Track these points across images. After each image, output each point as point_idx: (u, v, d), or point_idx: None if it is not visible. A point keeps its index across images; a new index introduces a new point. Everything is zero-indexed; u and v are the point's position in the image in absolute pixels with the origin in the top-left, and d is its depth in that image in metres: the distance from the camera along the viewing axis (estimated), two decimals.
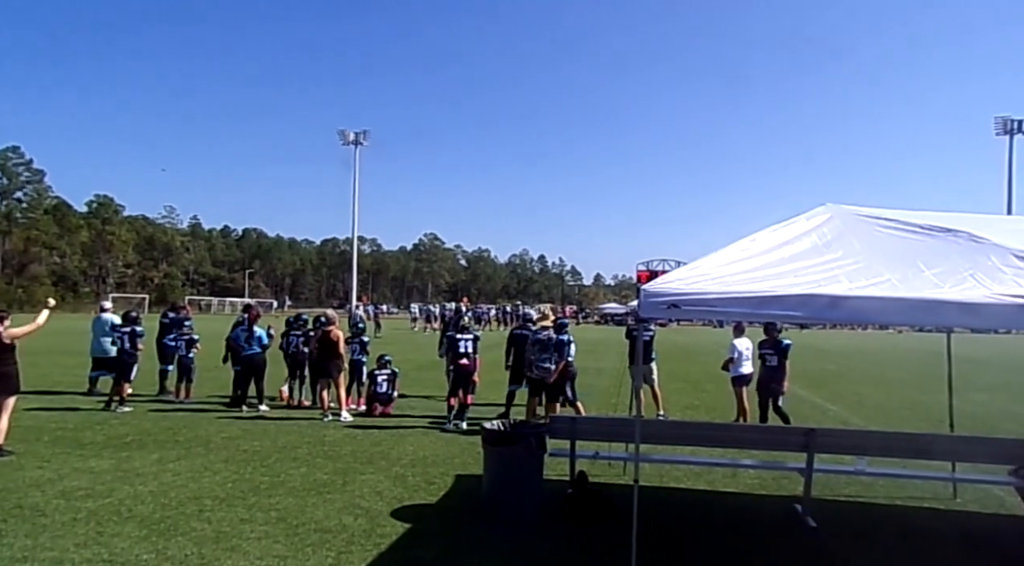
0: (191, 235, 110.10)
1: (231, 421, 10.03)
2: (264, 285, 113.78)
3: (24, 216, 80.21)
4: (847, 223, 5.32)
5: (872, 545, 5.47)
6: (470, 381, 9.91)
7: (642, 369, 10.76)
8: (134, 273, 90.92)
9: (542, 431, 6.15)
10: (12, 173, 79.85)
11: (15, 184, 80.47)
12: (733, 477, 7.25)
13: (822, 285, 4.20)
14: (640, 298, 4.59)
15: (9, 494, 6.19)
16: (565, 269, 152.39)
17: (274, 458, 7.82)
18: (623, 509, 5.36)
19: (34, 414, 10.40)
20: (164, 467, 7.31)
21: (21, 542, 5.02)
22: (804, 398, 12.53)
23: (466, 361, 9.84)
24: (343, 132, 64.09)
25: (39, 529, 5.32)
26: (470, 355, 9.86)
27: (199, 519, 5.63)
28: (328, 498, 6.30)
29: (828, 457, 6.76)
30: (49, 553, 4.83)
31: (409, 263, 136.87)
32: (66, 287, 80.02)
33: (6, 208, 79.31)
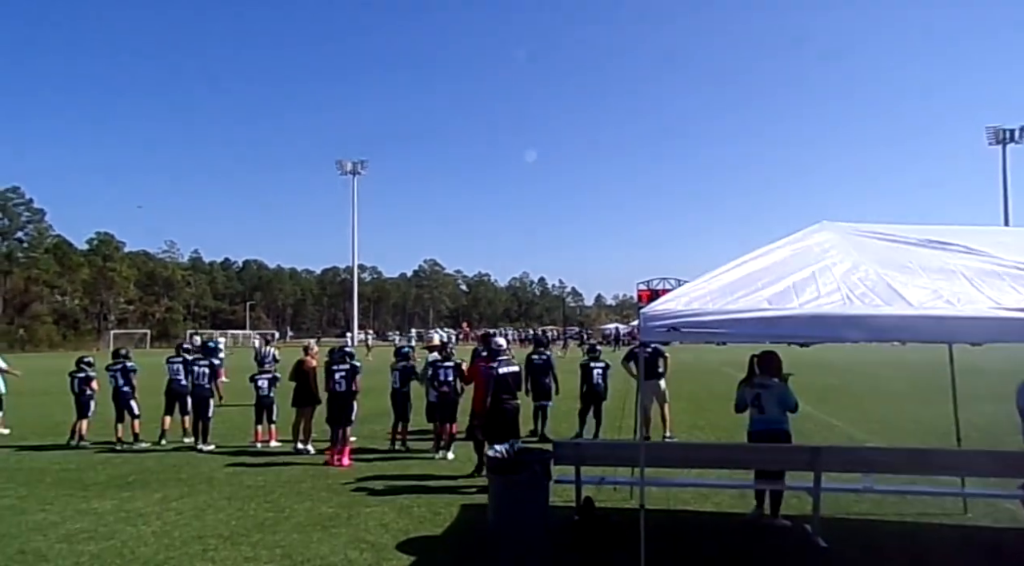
0: (192, 269, 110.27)
1: (233, 456, 9.97)
2: (265, 316, 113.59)
3: (25, 255, 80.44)
4: (843, 240, 5.36)
5: (884, 563, 5.40)
6: (452, 409, 9.78)
7: (650, 386, 10.70)
8: (136, 309, 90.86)
9: (547, 457, 6.11)
10: (13, 213, 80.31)
11: (16, 224, 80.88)
12: (741, 498, 7.17)
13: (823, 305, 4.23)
14: (640, 322, 4.61)
15: (12, 539, 6.14)
16: (566, 291, 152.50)
17: (278, 493, 7.76)
18: (630, 535, 5.31)
19: (36, 455, 10.35)
20: (167, 506, 7.25)
21: None
22: (809, 414, 12.44)
23: (447, 389, 9.75)
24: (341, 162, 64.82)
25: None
26: (450, 382, 9.77)
27: (203, 559, 5.58)
28: (333, 532, 6.24)
29: (836, 475, 6.70)
30: None
31: (410, 290, 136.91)
32: (67, 325, 79.97)
33: (7, 248, 79.58)
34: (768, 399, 6.37)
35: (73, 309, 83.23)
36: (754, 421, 6.48)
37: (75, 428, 11.23)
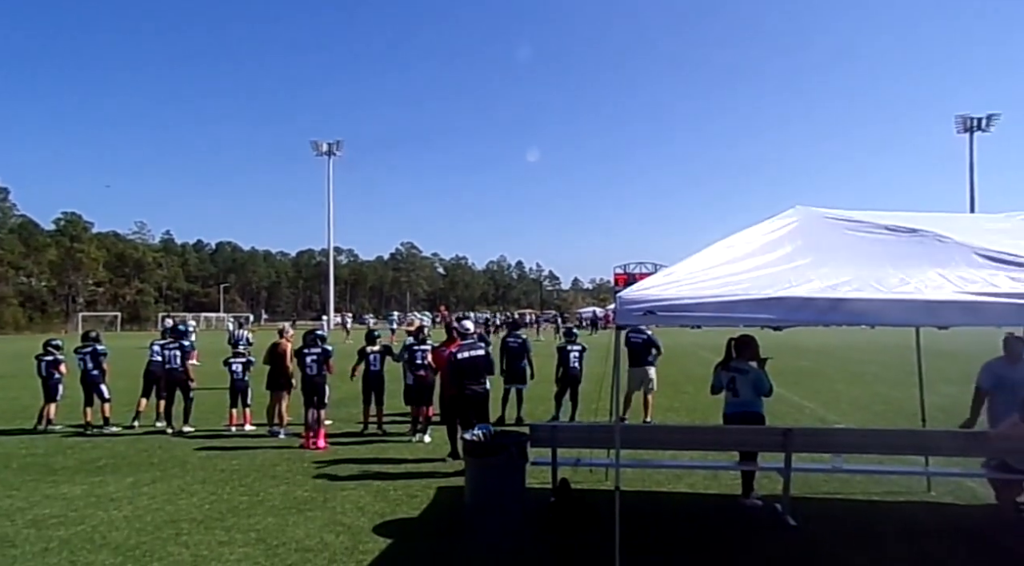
0: (163, 250, 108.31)
1: (207, 440, 9.86)
2: (240, 299, 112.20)
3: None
4: (816, 225, 5.42)
5: (852, 540, 5.55)
6: (428, 392, 9.79)
7: (638, 373, 10.81)
8: (105, 291, 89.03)
9: (523, 440, 6.14)
10: None
11: None
12: (714, 479, 7.31)
13: (794, 288, 4.28)
14: (616, 305, 4.63)
15: None
16: (543, 274, 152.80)
17: (252, 476, 7.70)
18: (606, 515, 5.38)
19: (2, 440, 10.14)
20: (139, 490, 7.16)
21: None
22: (781, 396, 12.67)
23: (424, 373, 9.75)
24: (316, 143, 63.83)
25: (9, 560, 5.18)
26: (427, 366, 9.75)
27: (176, 543, 5.53)
28: (309, 516, 6.22)
29: (806, 456, 6.85)
30: None
31: (387, 273, 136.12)
32: (34, 307, 78.12)
33: None
34: (743, 383, 6.46)
35: (40, 291, 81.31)
36: (729, 404, 6.58)
37: (43, 412, 11.01)
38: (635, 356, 10.80)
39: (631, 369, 10.84)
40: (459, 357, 7.94)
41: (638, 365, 10.81)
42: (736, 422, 6.46)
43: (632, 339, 10.79)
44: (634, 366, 10.80)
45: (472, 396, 7.81)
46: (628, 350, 10.87)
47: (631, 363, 10.84)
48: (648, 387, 10.87)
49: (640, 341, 10.82)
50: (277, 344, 10.44)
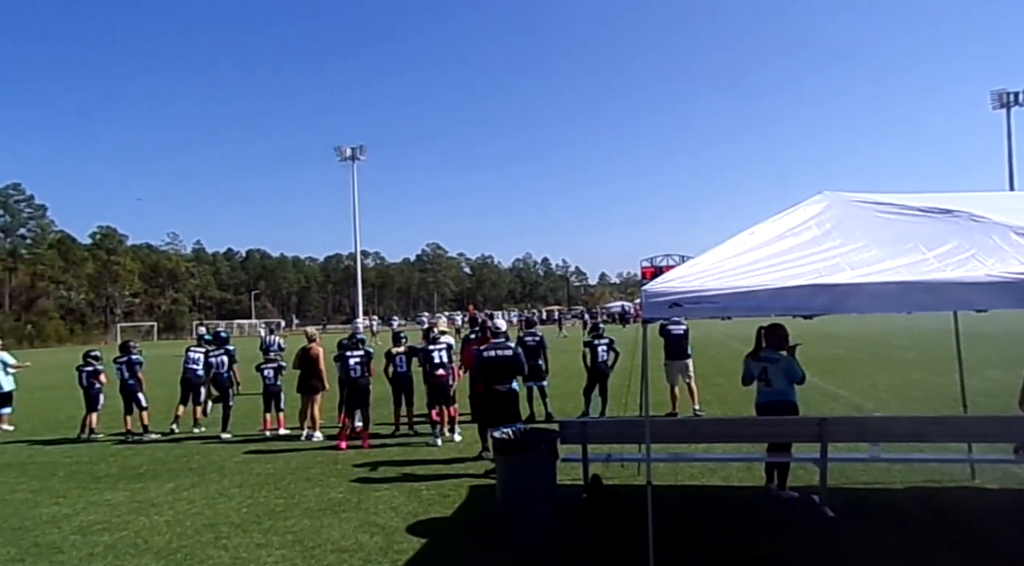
0: (195, 260, 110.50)
1: (243, 445, 10.04)
2: (270, 305, 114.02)
3: (29, 252, 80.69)
4: (845, 210, 5.30)
5: (892, 530, 5.42)
6: (447, 392, 9.79)
7: (679, 365, 10.77)
8: (141, 301, 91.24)
9: (552, 437, 6.13)
10: (14, 210, 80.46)
11: (18, 221, 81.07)
12: (748, 471, 7.20)
13: (823, 275, 4.19)
14: (642, 298, 4.58)
15: (26, 532, 6.21)
16: (569, 270, 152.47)
17: (288, 479, 7.81)
18: (638, 510, 5.34)
19: (48, 449, 10.45)
20: (179, 495, 7.32)
21: None
22: (815, 385, 12.42)
23: (441, 372, 9.77)
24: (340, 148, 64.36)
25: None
26: (445, 365, 9.78)
27: (215, 546, 5.63)
28: (343, 517, 6.29)
29: (842, 445, 6.72)
30: None
31: (413, 274, 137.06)
32: (74, 320, 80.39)
33: (11, 245, 79.87)
34: (775, 372, 6.35)
35: (79, 304, 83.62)
36: (761, 394, 6.48)
37: (85, 421, 11.32)
38: (675, 348, 10.75)
39: (671, 362, 10.80)
40: (484, 354, 7.90)
41: (679, 357, 10.75)
42: (769, 412, 6.36)
43: (674, 331, 10.74)
44: (674, 358, 10.75)
45: (496, 396, 7.70)
46: (667, 342, 10.82)
47: (671, 355, 10.79)
48: (688, 378, 10.82)
49: (681, 333, 10.77)
50: (308, 348, 10.57)
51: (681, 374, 10.83)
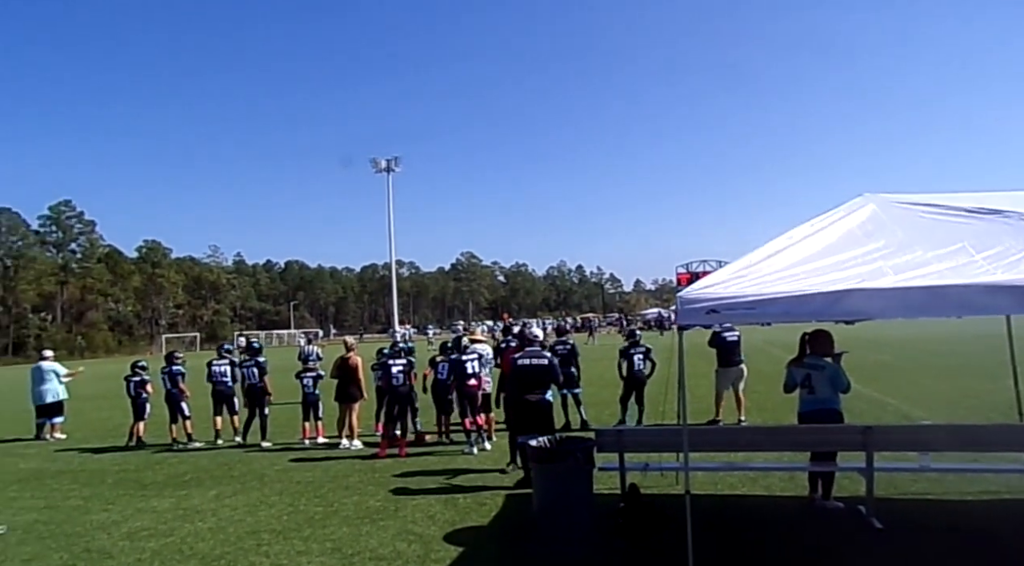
0: (236, 272, 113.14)
1: (282, 453, 10.20)
2: (309, 315, 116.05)
3: (79, 266, 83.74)
4: (888, 212, 5.16)
5: (944, 543, 5.22)
6: (477, 401, 9.78)
7: (733, 372, 10.63)
8: (184, 313, 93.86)
9: (589, 445, 6.08)
10: (66, 226, 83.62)
11: (69, 236, 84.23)
12: (790, 481, 7.03)
13: (866, 279, 4.08)
14: (677, 306, 4.52)
15: (78, 538, 6.41)
16: (604, 277, 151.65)
17: (326, 488, 7.91)
18: (677, 520, 5.25)
19: (98, 457, 10.78)
20: (222, 503, 7.47)
21: None
22: (859, 393, 12.05)
23: (473, 382, 9.77)
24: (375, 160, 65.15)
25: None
26: (476, 374, 9.79)
27: (257, 553, 5.72)
28: (381, 525, 6.33)
29: (890, 455, 6.51)
30: None
31: (448, 283, 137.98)
32: (122, 331, 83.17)
33: (62, 260, 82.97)
34: (819, 379, 6.18)
35: (127, 315, 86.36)
36: (804, 402, 6.31)
37: (133, 430, 11.66)
38: (728, 354, 10.63)
39: (723, 369, 10.67)
40: (518, 362, 7.77)
41: (732, 364, 10.61)
42: (813, 421, 6.19)
43: (729, 338, 10.62)
44: (728, 365, 10.62)
45: (527, 405, 7.52)
46: (721, 349, 10.68)
47: (725, 362, 10.66)
48: (740, 385, 10.65)
49: (735, 339, 10.63)
50: (347, 357, 10.70)
51: (733, 382, 10.65)
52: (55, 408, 13.30)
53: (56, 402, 13.32)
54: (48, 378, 13.39)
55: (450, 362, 10.07)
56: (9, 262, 76.26)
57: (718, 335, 10.71)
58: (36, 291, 77.29)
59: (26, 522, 7.04)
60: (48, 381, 13.35)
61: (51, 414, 13.23)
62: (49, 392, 13.29)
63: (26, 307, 75.12)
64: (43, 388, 13.27)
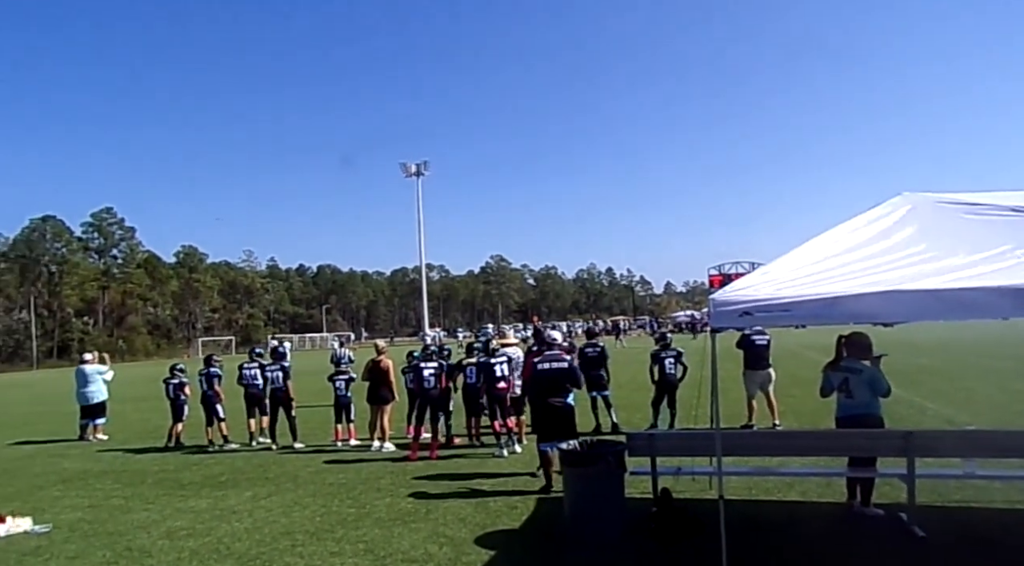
0: (269, 276, 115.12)
1: (315, 455, 10.33)
2: (341, 318, 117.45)
3: (120, 271, 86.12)
4: (928, 211, 5.03)
5: (990, 553, 5.05)
6: (507, 404, 9.77)
7: (760, 375, 10.48)
8: (220, 316, 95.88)
9: (620, 449, 6.04)
10: (108, 233, 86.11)
11: (111, 242, 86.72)
12: (827, 486, 6.87)
13: (905, 281, 3.98)
14: (710, 308, 4.47)
15: (120, 536, 6.57)
16: (634, 280, 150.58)
17: (359, 490, 7.98)
18: (711, 525, 5.18)
19: (138, 457, 11.05)
20: (257, 504, 7.59)
21: None
22: (898, 397, 11.71)
23: (503, 384, 9.75)
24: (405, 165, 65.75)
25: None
26: (506, 377, 9.77)
27: (292, 554, 5.80)
28: (413, 527, 6.37)
29: (932, 461, 6.32)
30: None
31: (478, 286, 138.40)
32: (161, 335, 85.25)
33: (104, 265, 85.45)
34: (857, 383, 6.03)
35: (165, 319, 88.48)
36: (842, 406, 6.17)
37: (171, 431, 11.93)
38: (757, 358, 10.47)
39: (751, 372, 10.51)
40: (539, 367, 7.68)
41: (761, 367, 10.45)
42: (851, 426, 6.04)
43: (758, 342, 10.46)
44: (755, 369, 10.46)
45: (550, 409, 7.42)
46: (748, 352, 10.53)
47: (752, 365, 10.51)
48: (770, 389, 10.48)
49: (764, 343, 10.47)
50: (378, 360, 10.80)
51: (761, 385, 10.49)
52: (98, 409, 13.69)
53: (99, 403, 13.71)
54: (92, 380, 13.80)
55: (479, 365, 10.10)
56: (54, 268, 78.79)
57: (747, 338, 10.55)
58: (79, 296, 79.69)
59: (71, 520, 7.25)
60: (92, 383, 13.76)
61: (94, 415, 13.62)
62: (93, 393, 13.68)
63: (70, 311, 77.50)
64: (87, 390, 13.68)
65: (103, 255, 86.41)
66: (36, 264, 77.68)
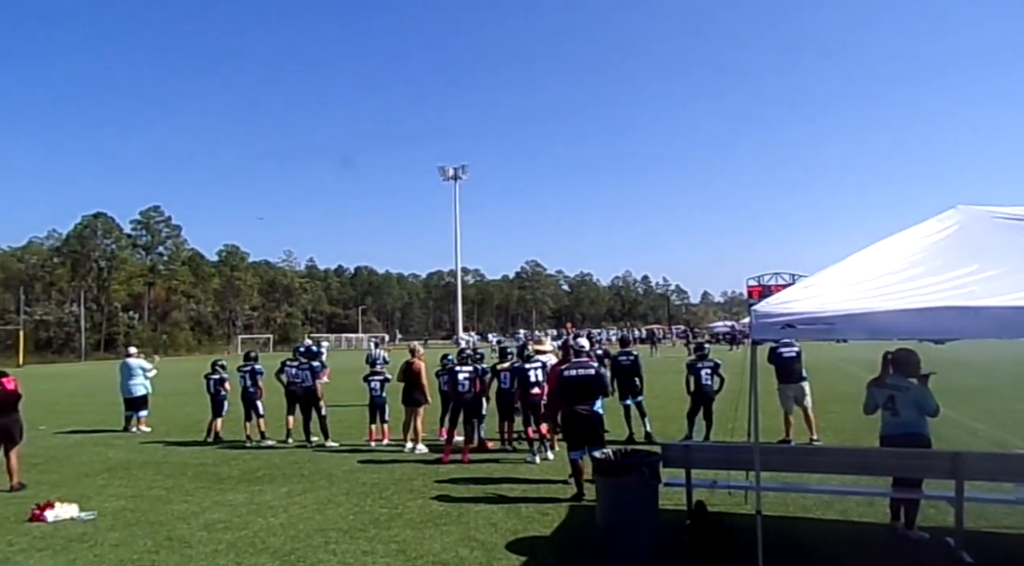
0: (308, 276, 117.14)
1: (350, 454, 10.46)
2: (376, 319, 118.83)
3: (166, 268, 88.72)
4: (982, 226, 4.87)
5: None
6: (540, 410, 9.69)
7: (793, 389, 10.27)
8: (259, 314, 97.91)
9: (655, 460, 5.97)
10: (155, 230, 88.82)
11: (157, 240, 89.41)
12: (869, 506, 6.68)
13: (956, 297, 3.86)
14: (752, 319, 4.40)
15: (160, 526, 6.76)
16: (670, 288, 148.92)
17: (391, 490, 8.05)
18: (746, 541, 5.07)
19: (179, 450, 11.34)
20: (292, 500, 7.72)
21: None
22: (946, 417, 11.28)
23: (537, 390, 9.71)
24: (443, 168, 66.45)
25: (186, 560, 5.75)
26: (540, 383, 9.73)
27: (325, 551, 5.88)
28: (444, 530, 6.40)
29: (981, 484, 6.08)
30: None
31: (512, 291, 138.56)
32: (202, 331, 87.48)
33: (151, 262, 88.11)
34: (904, 401, 5.84)
35: (206, 316, 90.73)
36: (887, 424, 5.98)
37: (211, 426, 12.22)
38: (788, 371, 10.26)
39: (784, 385, 10.30)
40: (565, 374, 7.65)
41: (793, 381, 10.23)
42: (897, 445, 5.85)
43: (785, 354, 10.26)
44: (786, 382, 10.25)
45: (577, 417, 7.39)
46: (779, 366, 10.34)
47: (784, 379, 10.30)
48: (806, 404, 10.24)
49: (792, 355, 10.25)
50: (411, 362, 10.91)
51: (796, 400, 10.25)
52: (141, 402, 14.11)
53: (141, 396, 14.13)
54: (135, 373, 14.24)
55: (513, 370, 10.11)
56: (103, 263, 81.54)
57: (774, 351, 10.34)
58: (126, 291, 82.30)
59: (114, 509, 7.48)
60: (135, 376, 14.20)
61: (137, 408, 14.04)
62: (136, 386, 14.12)
63: (117, 306, 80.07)
64: (131, 383, 14.12)
65: (150, 252, 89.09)
66: (87, 259, 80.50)
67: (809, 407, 10.31)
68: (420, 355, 11.18)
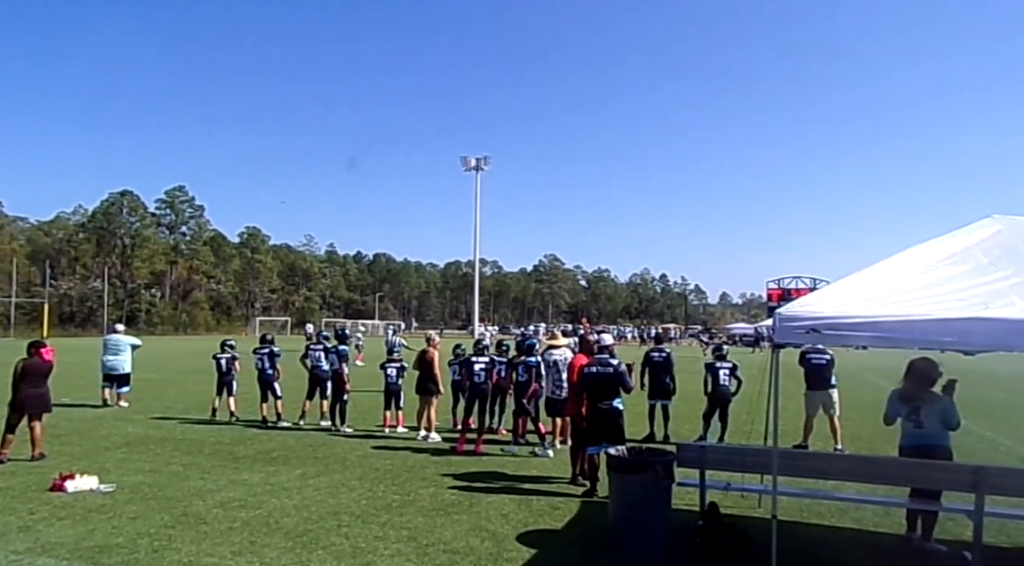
0: (327, 261, 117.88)
1: (364, 440, 10.54)
2: (393, 307, 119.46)
3: (188, 248, 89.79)
4: (1018, 236, 4.75)
5: None
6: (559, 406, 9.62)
7: (820, 396, 10.17)
8: (278, 297, 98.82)
9: (669, 459, 5.94)
10: (179, 210, 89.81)
11: (181, 219, 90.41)
12: (886, 516, 6.60)
13: (989, 307, 3.77)
14: (775, 322, 4.34)
15: (177, 502, 6.86)
16: (688, 288, 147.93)
17: (404, 477, 8.11)
18: (759, 545, 5.03)
19: (197, 428, 11.50)
20: (306, 482, 7.80)
21: (187, 547, 5.53)
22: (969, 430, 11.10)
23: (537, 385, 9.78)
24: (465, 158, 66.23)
25: (202, 536, 5.83)
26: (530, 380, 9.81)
27: (337, 534, 5.94)
28: (456, 518, 6.43)
29: (1002, 499, 5.98)
30: (210, 559, 5.28)
31: (529, 284, 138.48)
32: (221, 311, 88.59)
33: (174, 241, 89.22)
34: (928, 413, 5.73)
35: (226, 297, 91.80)
36: (909, 435, 5.89)
37: (214, 404, 12.32)
38: (817, 378, 10.15)
39: (811, 392, 10.19)
40: (586, 371, 7.62)
41: (820, 388, 10.12)
42: (918, 456, 5.76)
43: (814, 360, 10.16)
44: (815, 389, 10.14)
45: (599, 413, 7.35)
46: (808, 371, 10.23)
47: (812, 385, 10.20)
48: (832, 412, 10.12)
49: (824, 362, 10.15)
50: (425, 351, 10.95)
51: (823, 406, 10.14)
52: (124, 378, 14.27)
53: (124, 374, 14.27)
54: (122, 349, 14.41)
55: (527, 364, 10.10)
56: (128, 240, 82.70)
57: (804, 356, 10.22)
58: (149, 269, 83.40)
59: (133, 483, 7.61)
60: (122, 352, 14.36)
61: (120, 384, 14.22)
62: (123, 362, 14.28)
63: (139, 283, 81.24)
64: (118, 358, 14.26)
65: (173, 231, 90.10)
66: (112, 236, 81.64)
67: (836, 415, 10.18)
68: (435, 344, 11.21)
